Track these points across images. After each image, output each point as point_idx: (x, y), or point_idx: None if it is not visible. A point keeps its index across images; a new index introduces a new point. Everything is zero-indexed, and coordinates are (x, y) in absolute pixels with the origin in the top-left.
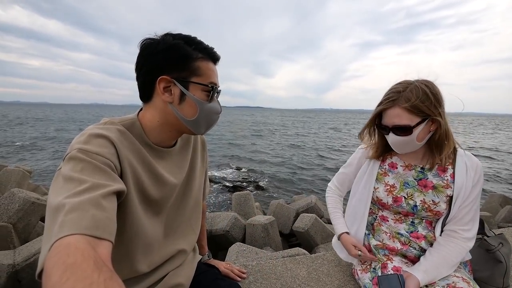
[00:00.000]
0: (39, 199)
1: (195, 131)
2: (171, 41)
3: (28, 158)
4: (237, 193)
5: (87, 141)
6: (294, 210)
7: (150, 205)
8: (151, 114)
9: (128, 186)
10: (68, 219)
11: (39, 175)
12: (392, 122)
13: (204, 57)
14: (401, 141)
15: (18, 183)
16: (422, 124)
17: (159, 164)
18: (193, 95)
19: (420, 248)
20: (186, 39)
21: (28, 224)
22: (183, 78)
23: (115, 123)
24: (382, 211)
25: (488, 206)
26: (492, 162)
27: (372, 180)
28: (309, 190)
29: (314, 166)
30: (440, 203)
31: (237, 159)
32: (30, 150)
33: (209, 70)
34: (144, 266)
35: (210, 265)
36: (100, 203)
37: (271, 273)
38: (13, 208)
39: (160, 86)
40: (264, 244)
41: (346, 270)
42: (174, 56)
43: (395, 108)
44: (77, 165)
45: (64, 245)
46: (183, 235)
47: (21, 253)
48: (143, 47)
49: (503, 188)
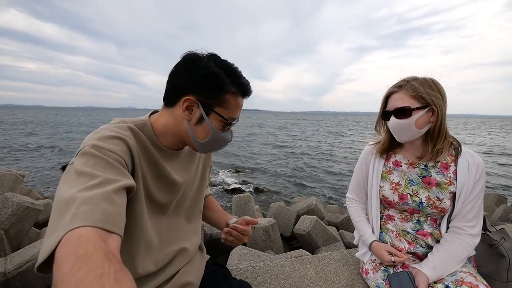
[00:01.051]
0: (34, 204)
1: (199, 150)
2: (214, 69)
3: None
4: (237, 196)
5: (100, 138)
6: (295, 212)
7: (154, 204)
8: (167, 120)
9: (139, 184)
10: (80, 211)
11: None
12: (394, 105)
13: (236, 92)
14: (401, 125)
15: (11, 188)
16: (422, 110)
17: (167, 165)
18: (210, 123)
19: (427, 245)
20: (228, 70)
21: (21, 230)
22: (209, 105)
23: (127, 122)
24: (388, 210)
25: (484, 205)
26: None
27: (377, 179)
28: (309, 192)
29: (313, 168)
30: (444, 199)
31: (235, 162)
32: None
33: (235, 105)
34: (151, 266)
35: (218, 264)
36: (112, 197)
37: (279, 274)
38: (5, 213)
39: (184, 104)
40: (265, 247)
41: (354, 269)
42: (210, 83)
43: (400, 92)
44: (90, 160)
45: (75, 236)
46: (186, 235)
47: (13, 261)
48: (185, 61)
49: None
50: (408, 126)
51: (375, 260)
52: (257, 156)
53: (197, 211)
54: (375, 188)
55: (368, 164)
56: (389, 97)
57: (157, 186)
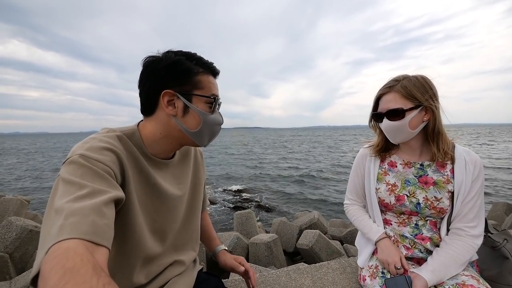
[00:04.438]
0: (37, 227)
1: (199, 142)
2: (173, 57)
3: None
4: (239, 212)
5: (89, 148)
6: (297, 227)
7: (149, 216)
8: (153, 127)
9: (130, 195)
10: (68, 223)
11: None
12: (386, 107)
13: (205, 71)
14: (394, 127)
15: (16, 212)
16: (415, 110)
17: (157, 175)
18: (196, 107)
19: (426, 250)
20: (187, 55)
21: (25, 253)
22: (186, 91)
23: (116, 131)
24: (385, 214)
25: (494, 215)
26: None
27: (374, 181)
28: (311, 206)
29: (315, 183)
30: (442, 199)
31: (235, 179)
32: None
33: (210, 83)
34: (142, 277)
35: (210, 274)
36: (101, 209)
37: (274, 284)
38: (10, 237)
39: (164, 99)
40: (268, 263)
41: (352, 277)
42: (176, 71)
43: (391, 93)
44: (78, 170)
45: (63, 249)
46: (183, 247)
47: (17, 284)
48: (146, 64)
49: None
50: (401, 128)
51: (372, 266)
52: (258, 174)
53: (197, 220)
54: (373, 191)
55: (364, 167)
56: (380, 98)
57: (149, 198)
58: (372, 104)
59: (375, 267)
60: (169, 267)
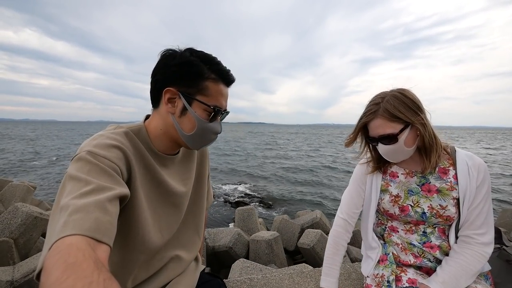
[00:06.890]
0: (42, 214)
1: (190, 146)
2: (188, 57)
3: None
4: (240, 208)
5: (96, 145)
6: (299, 226)
7: (154, 212)
8: (156, 121)
9: (136, 191)
10: (71, 219)
11: (43, 190)
12: (377, 133)
13: (216, 79)
14: (391, 150)
15: (22, 198)
16: (406, 130)
17: (163, 171)
18: (194, 112)
19: (435, 259)
20: (204, 58)
21: (29, 239)
22: (189, 93)
23: (123, 127)
24: (391, 221)
25: (502, 222)
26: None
27: (376, 194)
28: (312, 205)
29: (317, 181)
30: (448, 206)
31: (238, 175)
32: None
33: (217, 92)
34: (144, 272)
35: (213, 275)
36: (105, 206)
37: (277, 287)
38: (15, 223)
39: (165, 96)
40: (268, 261)
41: (357, 284)
42: (186, 71)
43: (377, 119)
44: (85, 166)
45: (66, 244)
46: (185, 242)
47: (20, 269)
48: (162, 57)
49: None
50: (399, 149)
51: (378, 275)
52: (260, 169)
53: (202, 216)
54: (373, 204)
55: (365, 184)
56: (367, 125)
57: (155, 194)
58: (356, 128)
59: (381, 276)
60: (170, 262)
